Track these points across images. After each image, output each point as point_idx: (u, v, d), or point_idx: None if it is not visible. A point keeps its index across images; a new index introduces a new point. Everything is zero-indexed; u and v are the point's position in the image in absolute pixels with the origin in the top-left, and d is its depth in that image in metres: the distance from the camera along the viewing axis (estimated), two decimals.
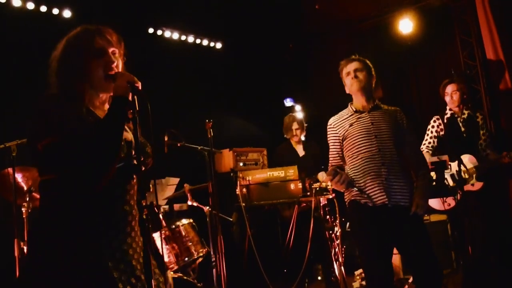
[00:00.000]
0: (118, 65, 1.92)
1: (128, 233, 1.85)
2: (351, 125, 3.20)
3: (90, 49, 1.85)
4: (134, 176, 1.88)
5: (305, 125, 5.61)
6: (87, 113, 1.81)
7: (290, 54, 7.71)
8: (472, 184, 4.42)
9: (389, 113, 3.24)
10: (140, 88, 1.81)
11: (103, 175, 1.73)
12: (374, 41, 7.05)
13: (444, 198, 4.33)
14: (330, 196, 4.59)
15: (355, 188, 3.10)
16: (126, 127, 1.94)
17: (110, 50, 1.90)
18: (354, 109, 3.25)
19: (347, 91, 3.34)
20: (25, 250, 3.43)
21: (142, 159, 1.79)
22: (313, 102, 7.68)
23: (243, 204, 4.67)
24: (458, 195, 4.22)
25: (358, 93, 3.24)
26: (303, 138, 5.56)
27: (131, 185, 1.89)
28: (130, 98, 1.78)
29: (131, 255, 1.83)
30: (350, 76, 3.23)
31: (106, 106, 1.95)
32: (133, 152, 1.82)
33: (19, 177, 3.59)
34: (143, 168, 1.77)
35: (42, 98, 1.79)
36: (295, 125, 5.44)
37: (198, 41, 6.67)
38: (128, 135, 1.90)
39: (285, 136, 5.57)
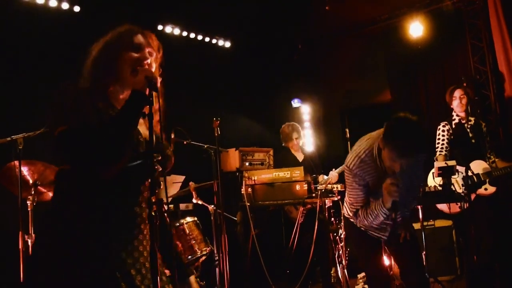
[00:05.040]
0: (151, 65, 1.93)
1: (135, 235, 1.85)
2: (379, 178, 2.82)
3: (129, 43, 1.89)
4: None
5: (303, 132, 5.78)
6: (107, 107, 1.83)
7: (299, 54, 7.70)
8: (486, 189, 4.40)
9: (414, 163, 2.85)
10: (158, 84, 1.81)
11: (111, 165, 1.74)
12: (383, 44, 7.02)
13: (450, 204, 4.33)
14: (336, 198, 4.58)
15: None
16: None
17: (147, 50, 1.93)
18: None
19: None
20: (30, 243, 3.44)
21: (161, 159, 1.79)
22: (320, 104, 7.68)
23: (248, 204, 4.66)
24: (466, 203, 4.19)
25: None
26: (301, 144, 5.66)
27: (145, 186, 1.89)
28: (147, 93, 1.78)
29: (136, 257, 1.82)
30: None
31: None
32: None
33: (25, 170, 3.59)
34: (160, 169, 1.76)
35: (62, 88, 1.82)
36: (295, 135, 5.55)
37: (207, 39, 6.67)
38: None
39: (283, 144, 5.63)
